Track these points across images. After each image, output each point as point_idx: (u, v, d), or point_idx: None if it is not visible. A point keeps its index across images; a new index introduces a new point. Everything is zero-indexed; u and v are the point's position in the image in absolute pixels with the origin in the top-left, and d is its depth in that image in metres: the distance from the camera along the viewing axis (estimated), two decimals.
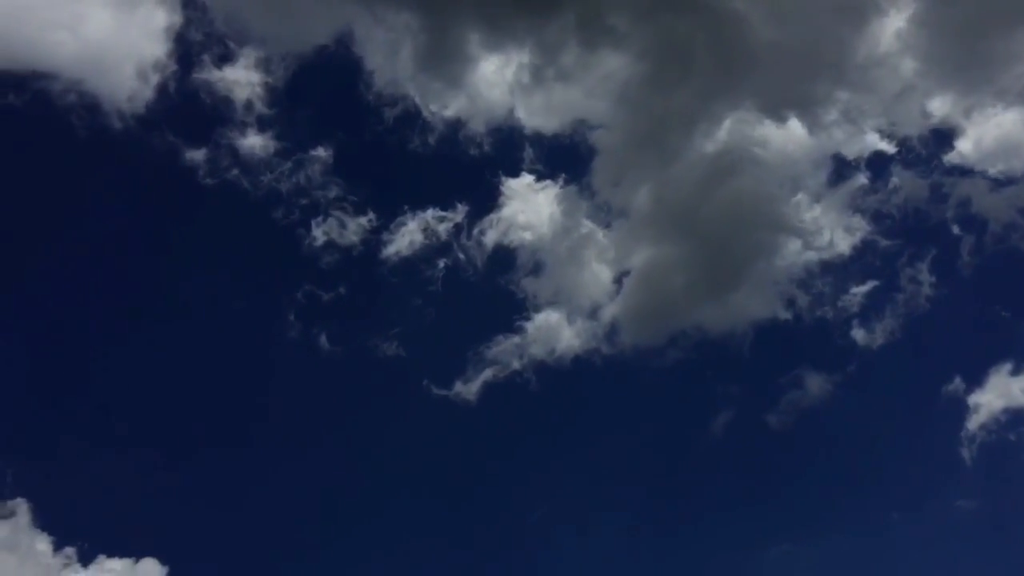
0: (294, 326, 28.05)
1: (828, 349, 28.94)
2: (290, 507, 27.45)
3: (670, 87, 30.07)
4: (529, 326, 28.61)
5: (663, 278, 29.07)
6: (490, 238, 29.26)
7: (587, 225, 29.59)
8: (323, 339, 28.02)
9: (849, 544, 26.41)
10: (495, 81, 30.04)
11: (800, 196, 29.61)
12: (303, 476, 27.81)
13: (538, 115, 29.99)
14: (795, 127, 29.69)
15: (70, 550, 26.84)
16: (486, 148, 29.82)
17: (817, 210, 29.51)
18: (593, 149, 30.08)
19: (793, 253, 29.15)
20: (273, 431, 27.97)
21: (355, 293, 28.79)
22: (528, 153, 30.08)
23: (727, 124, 29.95)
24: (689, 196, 29.66)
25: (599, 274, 29.12)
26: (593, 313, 28.80)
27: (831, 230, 29.09)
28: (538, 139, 30.12)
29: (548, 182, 29.83)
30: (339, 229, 28.62)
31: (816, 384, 28.21)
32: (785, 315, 28.84)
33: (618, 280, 29.17)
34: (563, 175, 29.93)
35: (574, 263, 29.03)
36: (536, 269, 29.19)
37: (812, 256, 29.06)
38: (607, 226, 29.73)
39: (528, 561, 26.32)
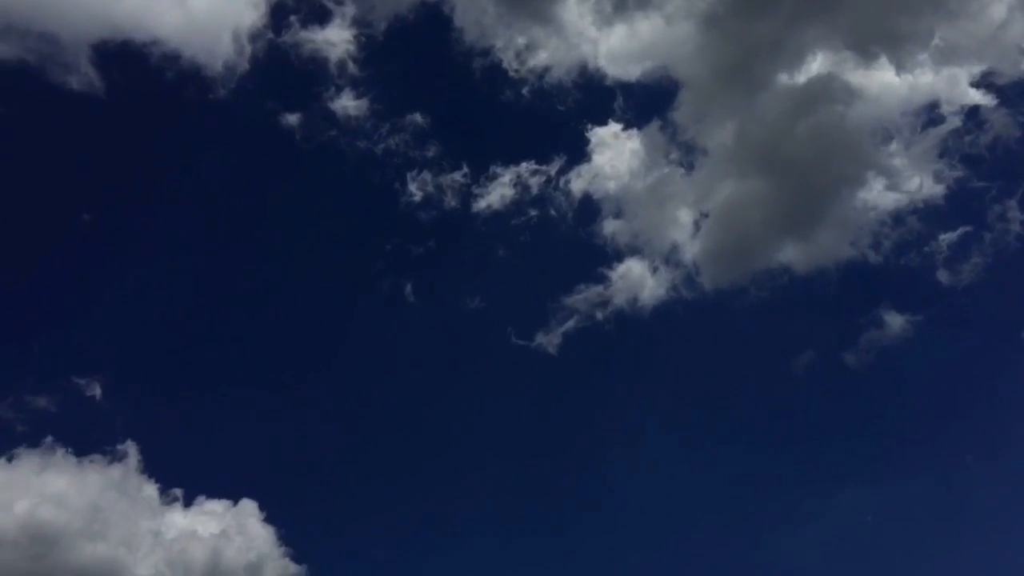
0: (384, 280, 28.75)
1: (910, 290, 28.54)
2: (377, 453, 28.66)
3: (756, 14, 28.52)
4: (612, 275, 28.58)
5: (745, 217, 28.56)
6: (577, 187, 29.11)
7: (669, 168, 29.10)
8: (408, 290, 28.58)
9: (922, 487, 26.69)
10: (579, 21, 29.64)
11: (888, 135, 28.58)
12: (390, 424, 28.89)
13: (621, 54, 29.64)
14: (885, 63, 28.35)
15: (174, 492, 28.38)
16: (573, 99, 29.89)
17: (906, 150, 28.52)
18: (677, 84, 29.52)
19: (879, 194, 28.38)
20: (362, 381, 29.03)
21: (444, 247, 29.25)
22: (617, 103, 30.02)
23: (815, 55, 28.73)
24: (773, 132, 28.74)
25: (681, 217, 28.74)
26: (675, 258, 28.61)
27: (920, 173, 28.15)
28: (622, 84, 29.97)
29: (633, 130, 29.65)
30: (432, 185, 28.89)
31: (897, 324, 27.90)
32: (868, 255, 28.39)
33: (699, 222, 28.77)
34: (647, 118, 29.68)
35: (657, 208, 28.65)
36: (620, 217, 29.04)
37: (899, 198, 28.30)
38: (689, 167, 29.25)
39: (610, 509, 27.40)
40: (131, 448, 27.90)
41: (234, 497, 28.85)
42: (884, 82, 28.49)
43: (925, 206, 28.41)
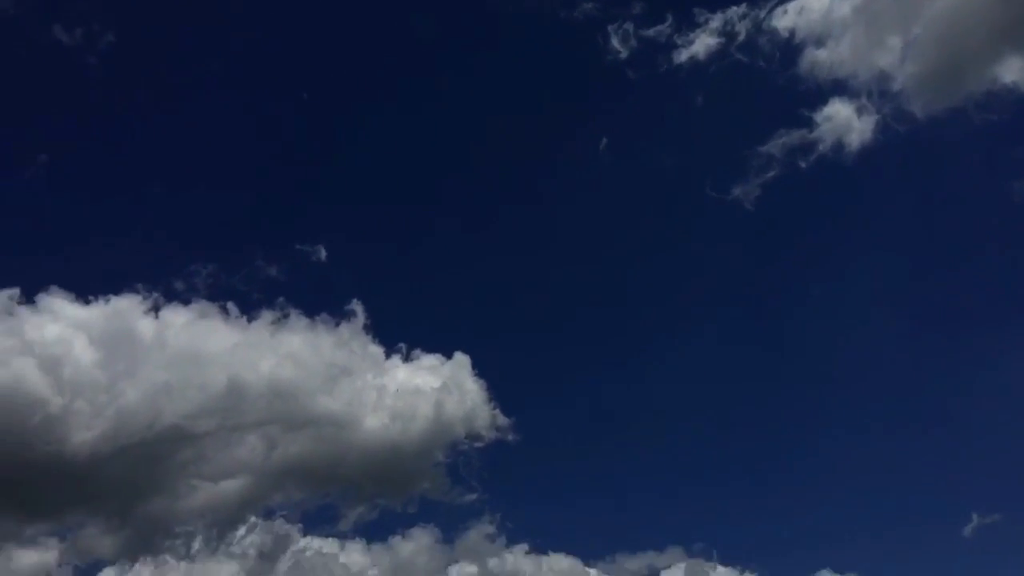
0: (579, 135, 28.88)
1: None
2: (578, 310, 29.43)
3: None
4: (816, 117, 27.14)
5: (962, 32, 25.99)
6: (782, 25, 27.67)
7: None
8: (603, 144, 28.66)
9: None
10: None
11: None
12: (589, 282, 29.40)
13: None
14: None
15: (396, 348, 30.33)
16: None
17: None
18: None
19: None
20: (559, 238, 29.61)
21: (642, 101, 28.88)
22: None
23: None
24: None
25: (889, 41, 26.66)
26: (883, 88, 26.83)
27: None
28: None
29: None
30: (635, 38, 28.43)
31: None
32: None
33: (910, 44, 26.65)
34: None
35: (863, 33, 26.66)
36: (823, 46, 27.31)
37: None
38: None
39: (814, 358, 26.63)
40: (357, 308, 30.13)
41: (449, 352, 30.41)
42: None
43: None
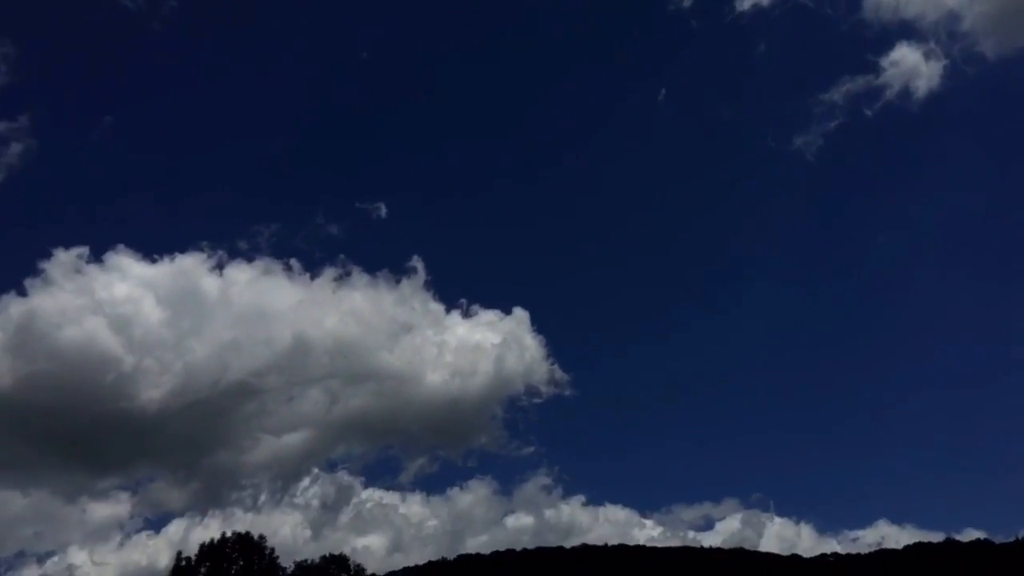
0: (637, 86, 29.21)
1: None
2: (637, 267, 30.14)
3: None
4: (883, 62, 27.43)
5: None
6: None
7: None
8: (662, 95, 29.18)
9: None
10: None
11: None
12: (646, 239, 29.96)
13: None
14: None
15: (456, 304, 30.97)
16: None
17: None
18: None
19: None
20: (616, 190, 29.83)
21: (703, 52, 29.09)
22: None
23: None
24: None
25: None
26: (952, 28, 27.10)
27: None
28: None
29: None
30: None
31: None
32: None
33: None
34: None
35: None
36: None
37: None
38: None
39: (877, 311, 27.31)
40: (417, 264, 30.50)
41: (508, 307, 31.12)
42: None
43: None
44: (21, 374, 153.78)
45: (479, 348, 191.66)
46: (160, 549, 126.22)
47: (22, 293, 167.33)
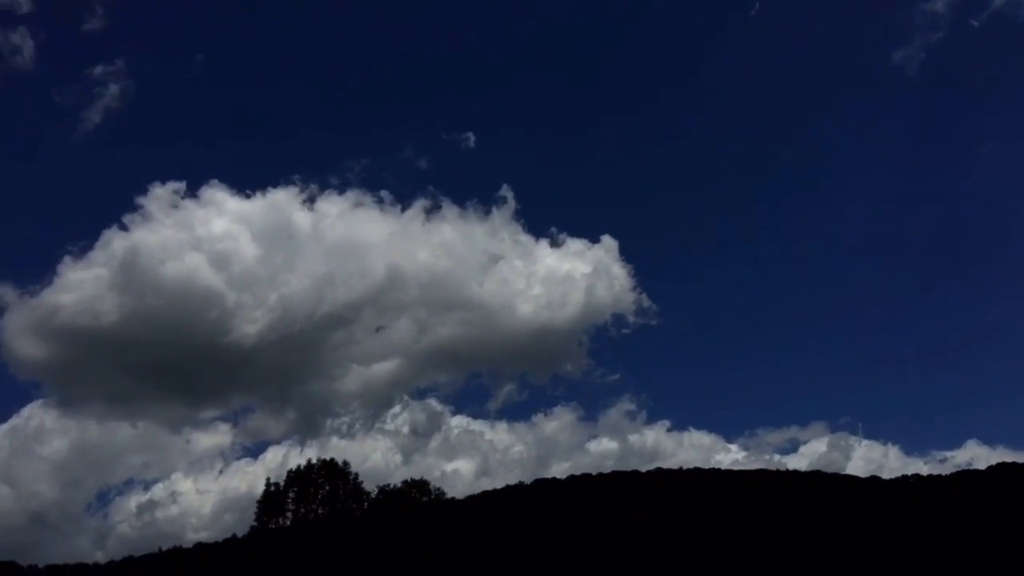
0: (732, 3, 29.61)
1: None
2: (725, 193, 30.84)
3: None
4: None
5: None
6: None
7: None
8: (755, 8, 29.41)
9: None
10: None
11: None
12: (736, 162, 30.72)
13: None
14: None
15: (544, 231, 32.25)
16: None
17: None
18: None
19: None
20: (705, 113, 30.77)
21: None
22: None
23: None
24: None
25: None
26: None
27: None
28: None
29: None
30: None
31: None
32: None
33: None
34: None
35: None
36: None
37: None
38: None
39: (979, 230, 27.77)
40: (507, 193, 31.71)
41: (596, 236, 32.27)
42: None
43: None
44: (127, 310, 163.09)
45: (567, 278, 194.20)
46: (258, 476, 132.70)
47: (123, 228, 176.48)
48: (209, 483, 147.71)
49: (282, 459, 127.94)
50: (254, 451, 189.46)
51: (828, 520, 71.89)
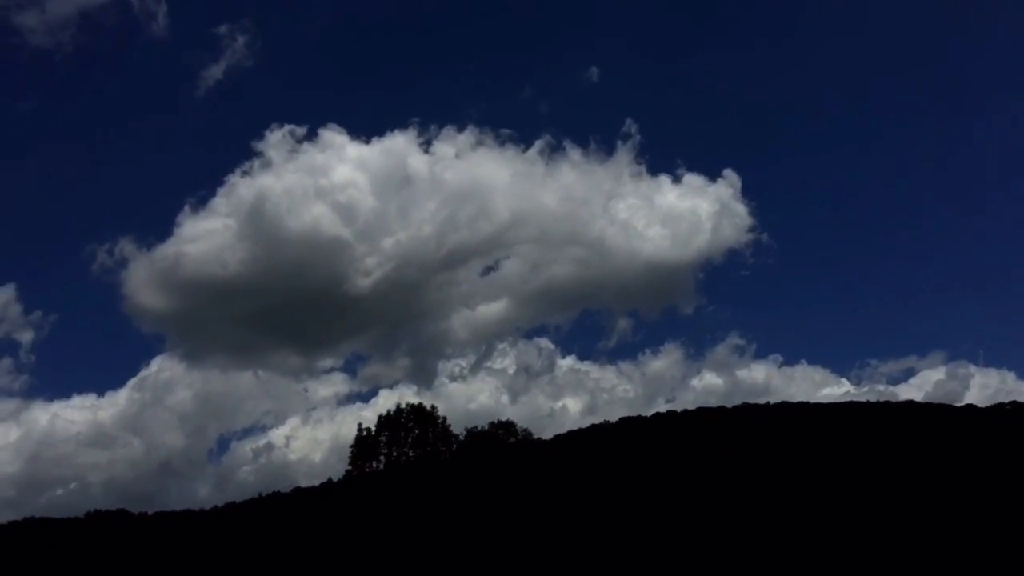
0: None
1: None
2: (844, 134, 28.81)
3: None
4: None
5: None
6: None
7: None
8: None
9: None
10: None
11: None
12: (854, 100, 28.77)
13: None
14: None
15: (664, 167, 31.22)
16: None
17: None
18: None
19: None
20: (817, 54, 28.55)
21: None
22: None
23: None
24: None
25: None
26: None
27: None
28: None
29: None
30: None
31: None
32: None
33: None
34: None
35: None
36: None
37: None
38: None
39: None
40: (631, 128, 30.65)
41: (717, 172, 31.15)
42: None
43: None
44: (251, 259, 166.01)
45: (686, 214, 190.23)
46: (370, 420, 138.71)
47: (246, 173, 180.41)
48: (324, 427, 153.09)
49: (396, 402, 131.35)
50: (366, 396, 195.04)
51: (928, 451, 69.63)
